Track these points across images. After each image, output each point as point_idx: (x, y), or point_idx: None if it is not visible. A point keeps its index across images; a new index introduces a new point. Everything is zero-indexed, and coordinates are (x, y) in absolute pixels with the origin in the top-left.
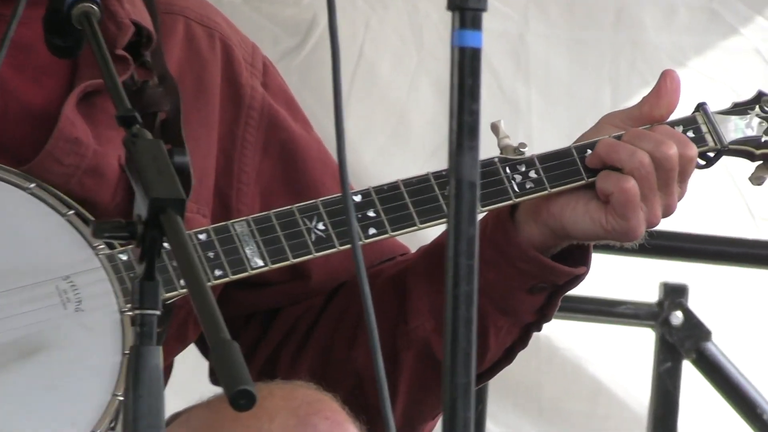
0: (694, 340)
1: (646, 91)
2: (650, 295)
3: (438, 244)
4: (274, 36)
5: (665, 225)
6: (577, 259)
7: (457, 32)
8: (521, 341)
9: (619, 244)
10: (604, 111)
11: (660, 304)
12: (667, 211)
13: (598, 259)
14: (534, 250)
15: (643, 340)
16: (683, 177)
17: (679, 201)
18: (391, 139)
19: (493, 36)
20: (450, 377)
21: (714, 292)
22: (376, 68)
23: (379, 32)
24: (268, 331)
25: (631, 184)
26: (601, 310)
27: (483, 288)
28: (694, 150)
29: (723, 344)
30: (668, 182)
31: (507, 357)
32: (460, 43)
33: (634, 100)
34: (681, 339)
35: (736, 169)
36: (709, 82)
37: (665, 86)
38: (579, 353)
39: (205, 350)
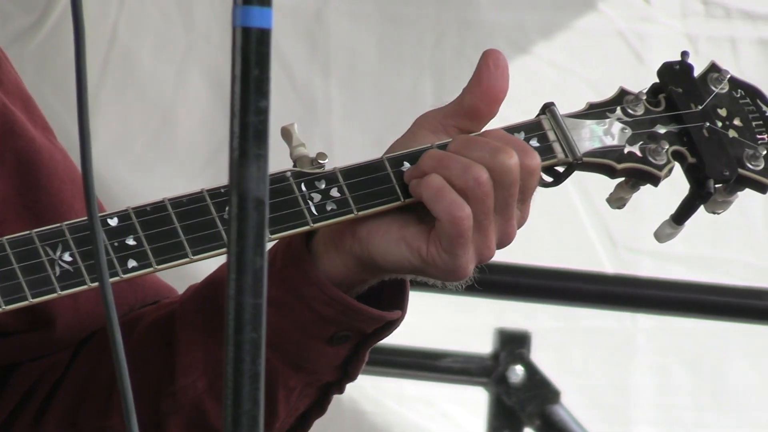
0: (539, 402)
1: None
2: (482, 345)
3: (213, 281)
4: (2, 12)
5: (501, 255)
6: (390, 300)
7: (240, 8)
8: (318, 406)
9: (441, 283)
10: (426, 110)
11: (495, 356)
12: (504, 241)
13: (417, 299)
14: (335, 288)
15: (474, 401)
16: (524, 196)
17: (519, 227)
18: (153, 145)
19: (281, 13)
20: None
21: (563, 341)
22: (134, 54)
23: (138, 8)
24: (1, 393)
25: (466, 212)
26: (420, 364)
27: (270, 338)
28: (536, 159)
29: (574, 407)
30: (507, 202)
31: (301, 426)
32: (244, 22)
33: None
34: (522, 401)
35: (593, 185)
36: (559, 73)
37: (487, 69)
38: (392, 419)
39: None
